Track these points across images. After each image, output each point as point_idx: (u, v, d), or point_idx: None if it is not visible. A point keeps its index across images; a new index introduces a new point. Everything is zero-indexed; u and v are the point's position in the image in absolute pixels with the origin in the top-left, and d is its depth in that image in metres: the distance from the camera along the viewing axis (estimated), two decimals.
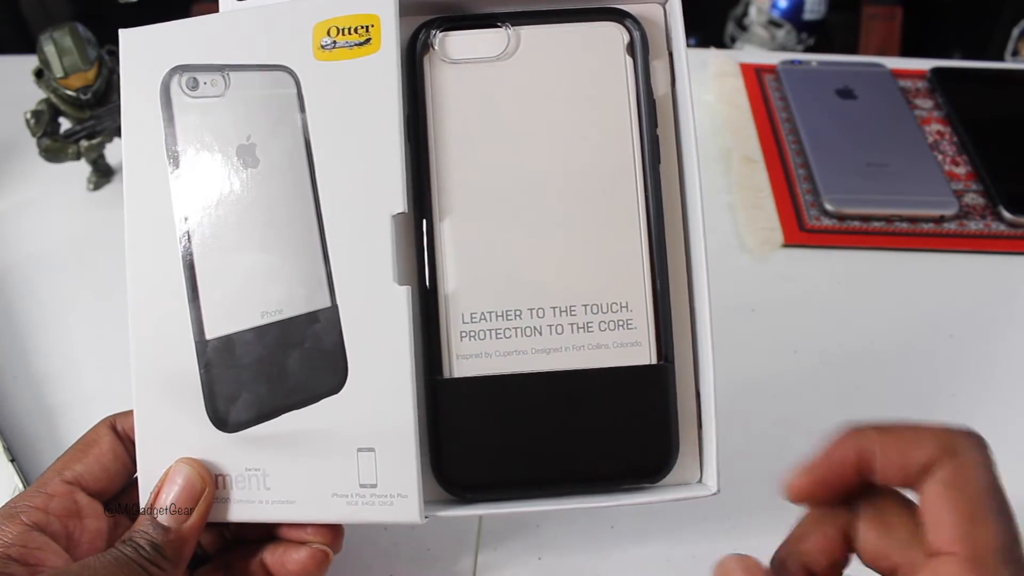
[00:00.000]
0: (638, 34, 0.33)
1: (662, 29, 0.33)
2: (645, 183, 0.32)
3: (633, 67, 0.33)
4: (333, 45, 0.32)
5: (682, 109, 0.33)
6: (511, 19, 0.33)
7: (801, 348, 0.48)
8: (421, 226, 0.32)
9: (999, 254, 0.54)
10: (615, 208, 0.32)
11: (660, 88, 0.33)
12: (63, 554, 0.31)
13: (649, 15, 0.33)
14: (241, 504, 0.32)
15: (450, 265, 0.32)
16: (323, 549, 0.33)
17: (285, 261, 0.32)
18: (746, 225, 0.56)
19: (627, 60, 0.33)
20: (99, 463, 0.33)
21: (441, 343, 0.32)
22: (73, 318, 0.51)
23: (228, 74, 0.33)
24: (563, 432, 0.32)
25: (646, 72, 0.33)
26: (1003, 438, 0.45)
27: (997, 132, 0.62)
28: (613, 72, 0.33)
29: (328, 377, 0.32)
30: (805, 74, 0.66)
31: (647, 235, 0.32)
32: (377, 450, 0.31)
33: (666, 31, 0.33)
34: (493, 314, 0.32)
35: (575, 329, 0.32)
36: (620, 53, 0.33)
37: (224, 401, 0.32)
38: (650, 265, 0.32)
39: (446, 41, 0.33)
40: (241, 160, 0.33)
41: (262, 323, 0.32)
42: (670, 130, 0.33)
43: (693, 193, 0.32)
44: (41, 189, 0.59)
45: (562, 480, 0.32)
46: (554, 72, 0.33)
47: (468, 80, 0.33)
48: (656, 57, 0.33)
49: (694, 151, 0.32)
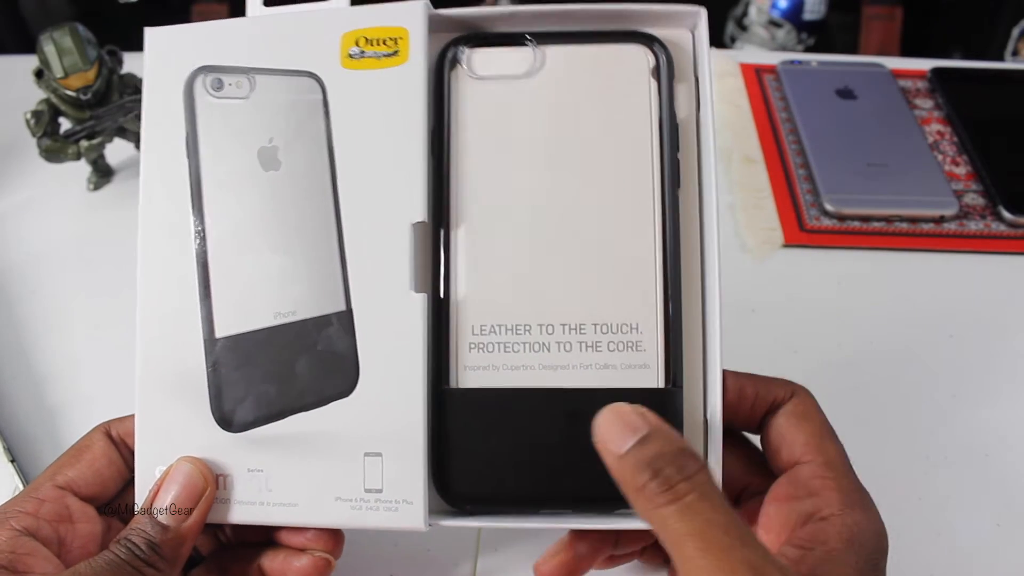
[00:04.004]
0: (664, 57, 0.33)
1: (687, 53, 0.34)
2: (663, 206, 0.32)
3: (657, 90, 0.33)
4: (361, 55, 0.32)
5: (704, 134, 0.33)
6: (539, 38, 0.33)
7: (801, 348, 0.48)
8: (439, 236, 0.32)
9: (999, 254, 0.54)
10: (631, 230, 0.32)
11: (683, 111, 0.33)
12: (54, 559, 0.30)
13: (675, 39, 0.33)
14: (242, 505, 0.32)
15: (463, 276, 0.32)
16: (325, 557, 0.32)
17: (301, 263, 0.32)
18: (746, 225, 0.56)
19: (651, 83, 0.33)
20: (92, 468, 0.32)
21: (449, 353, 0.32)
22: (73, 318, 0.51)
23: (254, 77, 0.33)
24: (565, 450, 0.31)
25: (670, 95, 0.33)
26: (1003, 438, 0.45)
27: (997, 132, 0.62)
28: (637, 94, 0.33)
29: (339, 380, 0.32)
30: (805, 74, 0.66)
31: (662, 258, 0.32)
32: (384, 455, 0.31)
33: (693, 56, 0.33)
34: (503, 327, 0.32)
35: (583, 348, 0.32)
36: (645, 76, 0.33)
37: (230, 400, 0.32)
38: (663, 289, 0.32)
39: (474, 57, 0.33)
40: (262, 162, 0.33)
41: (275, 324, 0.32)
42: (692, 154, 0.33)
43: (710, 219, 0.32)
44: (41, 189, 0.59)
45: (562, 499, 0.32)
46: (578, 92, 0.33)
47: (493, 96, 0.33)
48: (681, 81, 0.33)
49: (713, 177, 0.32)
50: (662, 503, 0.25)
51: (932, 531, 0.40)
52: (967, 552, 0.40)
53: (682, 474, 0.25)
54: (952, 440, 0.44)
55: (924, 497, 0.42)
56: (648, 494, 0.25)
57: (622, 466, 0.26)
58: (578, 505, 0.32)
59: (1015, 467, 0.43)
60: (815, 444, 0.31)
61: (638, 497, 0.26)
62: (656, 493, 0.25)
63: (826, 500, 0.29)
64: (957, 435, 0.44)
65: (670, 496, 0.25)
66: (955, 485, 0.42)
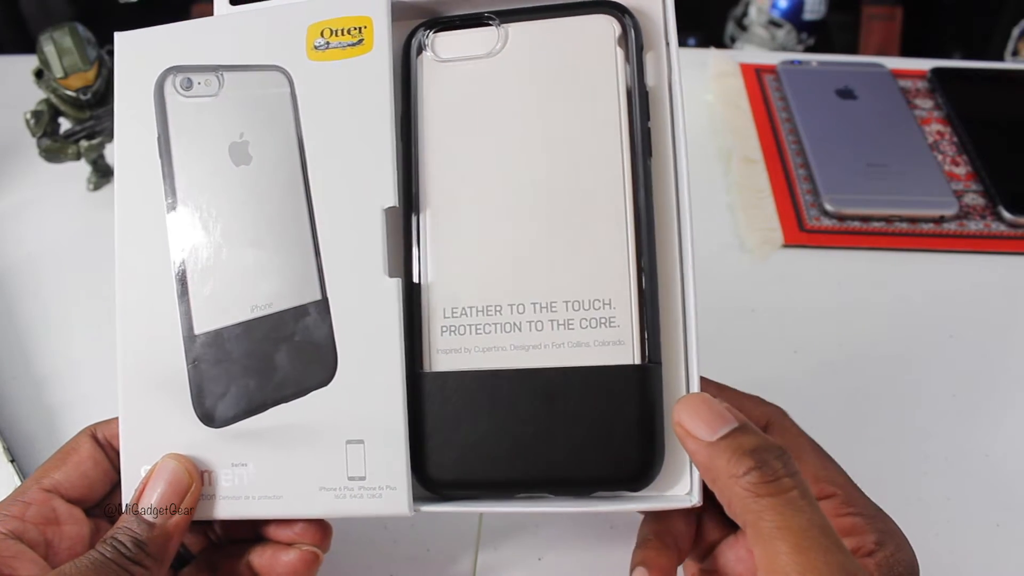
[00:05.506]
0: (631, 26, 0.32)
1: (656, 22, 0.33)
2: (634, 177, 0.31)
3: (625, 59, 0.32)
4: (326, 46, 0.33)
5: (675, 101, 0.32)
6: (502, 16, 0.33)
7: (801, 348, 0.48)
8: (409, 220, 0.32)
9: (999, 254, 0.54)
10: (600, 203, 0.31)
11: (652, 79, 0.32)
12: (40, 561, 0.30)
13: (643, 7, 0.33)
14: (227, 500, 0.32)
15: (433, 259, 0.32)
16: (312, 551, 0.32)
17: (275, 255, 0.33)
18: (746, 225, 0.56)
19: (618, 52, 0.32)
20: (78, 470, 0.33)
21: (422, 337, 0.32)
22: (73, 318, 0.51)
23: (222, 74, 0.33)
24: (541, 432, 0.31)
25: (639, 64, 0.32)
26: (1003, 438, 0.45)
27: (997, 132, 0.62)
28: (603, 64, 0.32)
29: (318, 370, 0.32)
30: (805, 74, 0.66)
31: (634, 230, 0.31)
32: (366, 442, 0.31)
33: (664, 22, 0.33)
34: (473, 309, 0.32)
35: (555, 326, 0.31)
36: (611, 45, 0.32)
37: (212, 396, 0.32)
38: (636, 261, 0.31)
39: (438, 41, 0.33)
40: (233, 157, 0.33)
41: (252, 317, 0.32)
42: (664, 123, 0.32)
43: (683, 186, 0.31)
44: (41, 189, 0.59)
45: (539, 483, 0.31)
46: (543, 66, 0.32)
47: (458, 78, 0.33)
48: (649, 49, 0.33)
49: (684, 145, 0.31)
50: (764, 493, 0.24)
51: (932, 531, 0.40)
52: (967, 552, 0.40)
53: (788, 469, 0.25)
54: (952, 440, 0.44)
55: (924, 497, 0.42)
56: (747, 484, 0.25)
57: (716, 451, 0.25)
58: (556, 488, 0.31)
59: (1015, 467, 0.43)
60: (826, 476, 0.30)
61: (732, 485, 0.25)
62: (758, 483, 0.24)
63: (862, 540, 0.29)
64: (957, 435, 0.44)
65: (774, 488, 0.24)
66: (955, 485, 0.42)
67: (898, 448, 0.44)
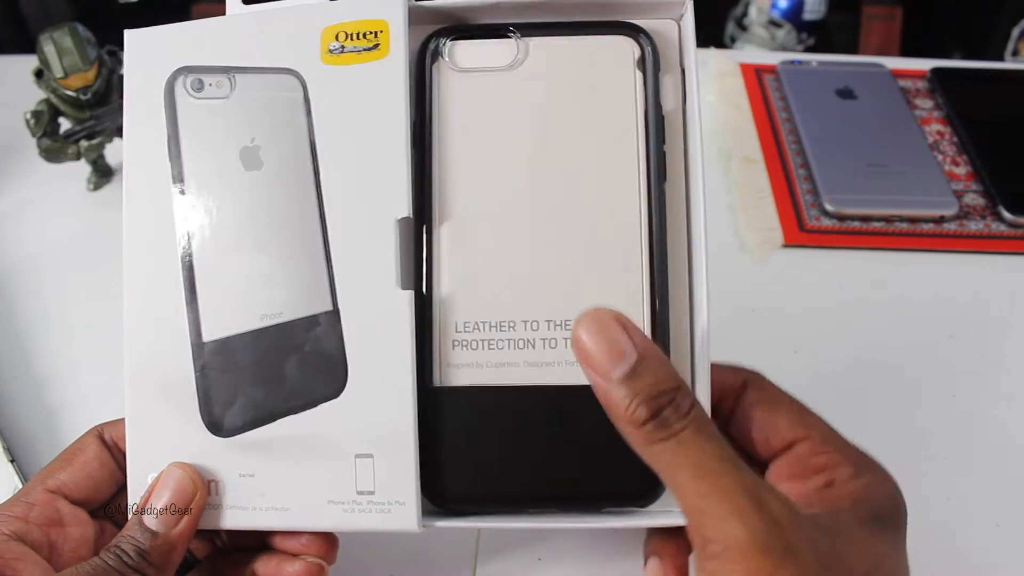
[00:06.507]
0: (649, 48, 0.32)
1: (674, 44, 0.33)
2: (649, 200, 0.31)
3: (643, 82, 0.32)
4: (341, 50, 0.32)
5: (691, 126, 0.32)
6: (522, 30, 0.33)
7: (801, 348, 0.48)
8: (422, 231, 0.32)
9: (999, 254, 0.54)
10: (616, 224, 0.31)
11: (669, 103, 0.32)
12: (43, 563, 0.30)
13: (662, 30, 0.33)
14: (233, 510, 0.31)
15: (446, 272, 0.32)
16: (318, 563, 0.32)
17: (286, 264, 0.32)
18: (746, 225, 0.56)
19: (636, 74, 0.32)
20: (84, 471, 0.32)
21: (433, 351, 0.32)
22: (73, 318, 0.51)
23: (234, 76, 0.33)
24: (551, 449, 0.31)
25: (656, 87, 0.32)
26: (1003, 438, 0.45)
27: (997, 132, 0.62)
28: (621, 86, 0.32)
29: (327, 381, 0.31)
30: (805, 74, 0.66)
31: (648, 252, 0.31)
32: (376, 456, 0.31)
33: (679, 47, 0.33)
34: (487, 324, 0.32)
35: (568, 344, 0.31)
36: (630, 67, 0.32)
37: (219, 405, 0.32)
38: (649, 283, 0.31)
39: (455, 49, 0.33)
40: (244, 162, 0.32)
41: (261, 326, 0.32)
42: (678, 146, 0.32)
43: (697, 212, 0.31)
44: (41, 189, 0.59)
45: (548, 498, 0.31)
46: (561, 84, 0.32)
47: (476, 89, 0.33)
48: (667, 72, 0.33)
49: (700, 170, 0.31)
50: (656, 439, 0.26)
51: (932, 531, 0.40)
52: (967, 552, 0.40)
53: (678, 413, 0.26)
54: (952, 440, 0.44)
55: (924, 497, 0.42)
56: (644, 432, 0.26)
57: (614, 395, 0.26)
58: (565, 503, 0.31)
59: (1015, 467, 0.43)
60: (801, 422, 0.31)
61: (631, 431, 0.26)
62: (652, 431, 0.26)
63: (836, 473, 0.29)
64: (957, 435, 0.44)
65: (665, 434, 0.26)
66: (955, 485, 0.42)
67: (898, 448, 0.44)
